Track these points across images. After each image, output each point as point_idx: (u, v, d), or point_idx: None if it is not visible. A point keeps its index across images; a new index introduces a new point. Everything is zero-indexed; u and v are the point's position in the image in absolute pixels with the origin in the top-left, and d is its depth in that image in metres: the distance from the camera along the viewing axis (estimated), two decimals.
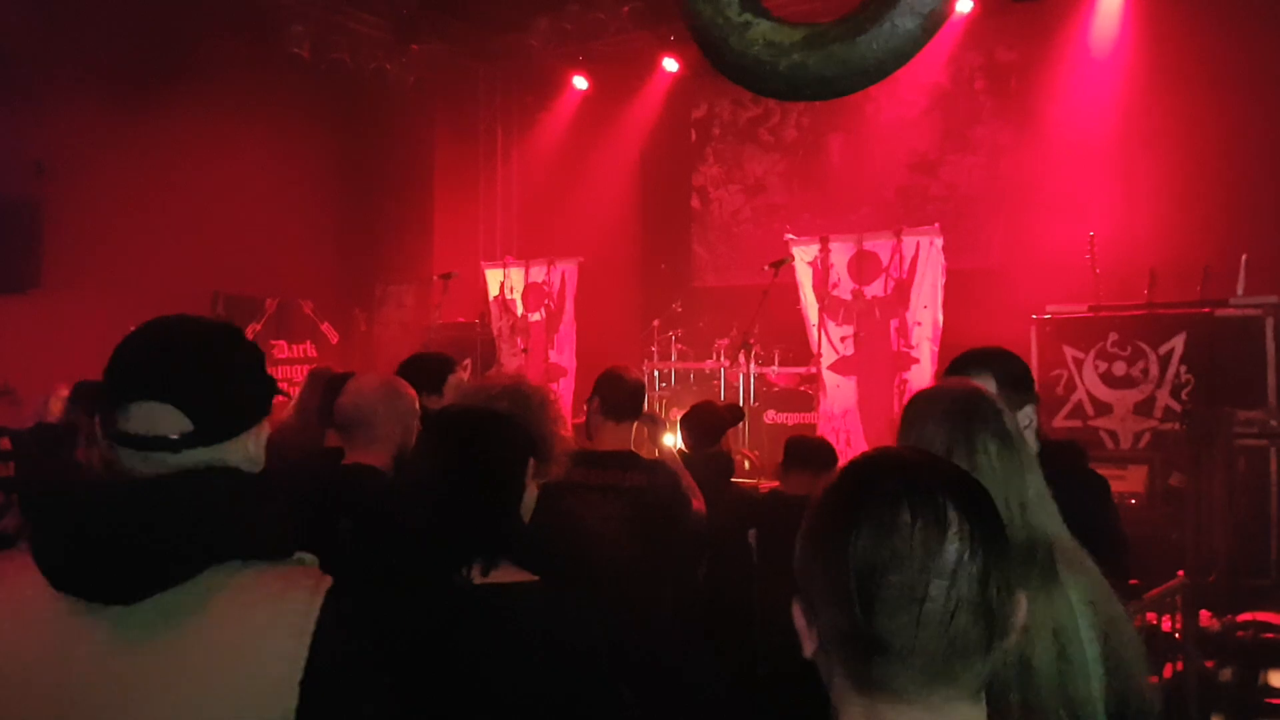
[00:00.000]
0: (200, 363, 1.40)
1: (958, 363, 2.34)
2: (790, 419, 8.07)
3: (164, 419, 1.35)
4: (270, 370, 4.96)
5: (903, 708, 1.03)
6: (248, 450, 1.45)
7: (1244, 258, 6.33)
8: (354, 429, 2.81)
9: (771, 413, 8.19)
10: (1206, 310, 6.10)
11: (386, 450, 2.80)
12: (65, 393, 4.56)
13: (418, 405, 2.88)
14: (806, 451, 4.09)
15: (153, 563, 1.30)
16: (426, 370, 3.62)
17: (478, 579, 1.87)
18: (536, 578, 1.91)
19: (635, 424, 3.57)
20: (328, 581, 1.38)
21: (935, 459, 1.11)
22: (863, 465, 1.11)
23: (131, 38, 8.18)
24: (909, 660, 1.01)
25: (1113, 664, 1.57)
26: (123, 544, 1.30)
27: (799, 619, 1.10)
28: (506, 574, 1.89)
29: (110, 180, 8.24)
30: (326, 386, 3.86)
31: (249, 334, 9.51)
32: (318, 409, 3.89)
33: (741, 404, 7.88)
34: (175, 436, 1.35)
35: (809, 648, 1.09)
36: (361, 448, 2.79)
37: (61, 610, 1.31)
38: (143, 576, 1.30)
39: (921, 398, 1.82)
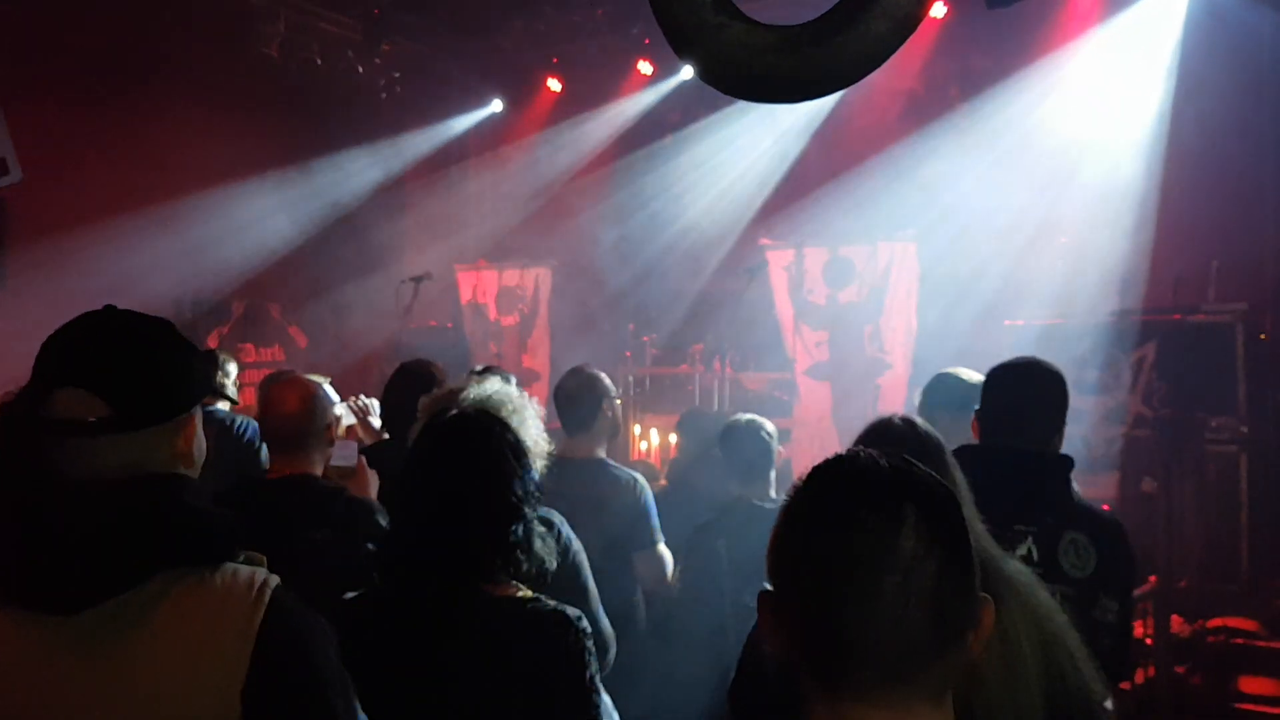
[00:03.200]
0: (121, 350, 1.39)
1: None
2: None
3: (82, 403, 1.33)
4: (239, 375, 4.88)
5: (863, 706, 1.04)
6: (176, 447, 1.42)
7: (1214, 265, 6.39)
8: (293, 439, 2.81)
9: None
10: (1178, 317, 6.14)
11: (321, 455, 2.84)
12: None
13: (328, 404, 2.91)
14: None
15: (93, 572, 1.28)
16: (425, 375, 3.60)
17: (490, 593, 1.85)
18: (529, 593, 1.90)
19: (595, 426, 3.56)
20: (272, 586, 1.36)
21: (905, 461, 1.11)
22: (831, 463, 1.13)
23: (98, 36, 8.05)
24: (863, 657, 1.03)
25: (1056, 677, 1.58)
26: (63, 554, 1.28)
27: (765, 615, 1.11)
28: (501, 588, 1.88)
29: (76, 181, 8.11)
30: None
31: (215, 337, 9.41)
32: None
33: (717, 409, 7.86)
34: (92, 420, 1.32)
35: (775, 644, 1.09)
36: (297, 457, 2.80)
37: (2, 620, 1.30)
38: (84, 586, 1.28)
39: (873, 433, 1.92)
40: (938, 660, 1.04)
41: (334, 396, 3.36)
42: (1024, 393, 2.47)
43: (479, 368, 3.10)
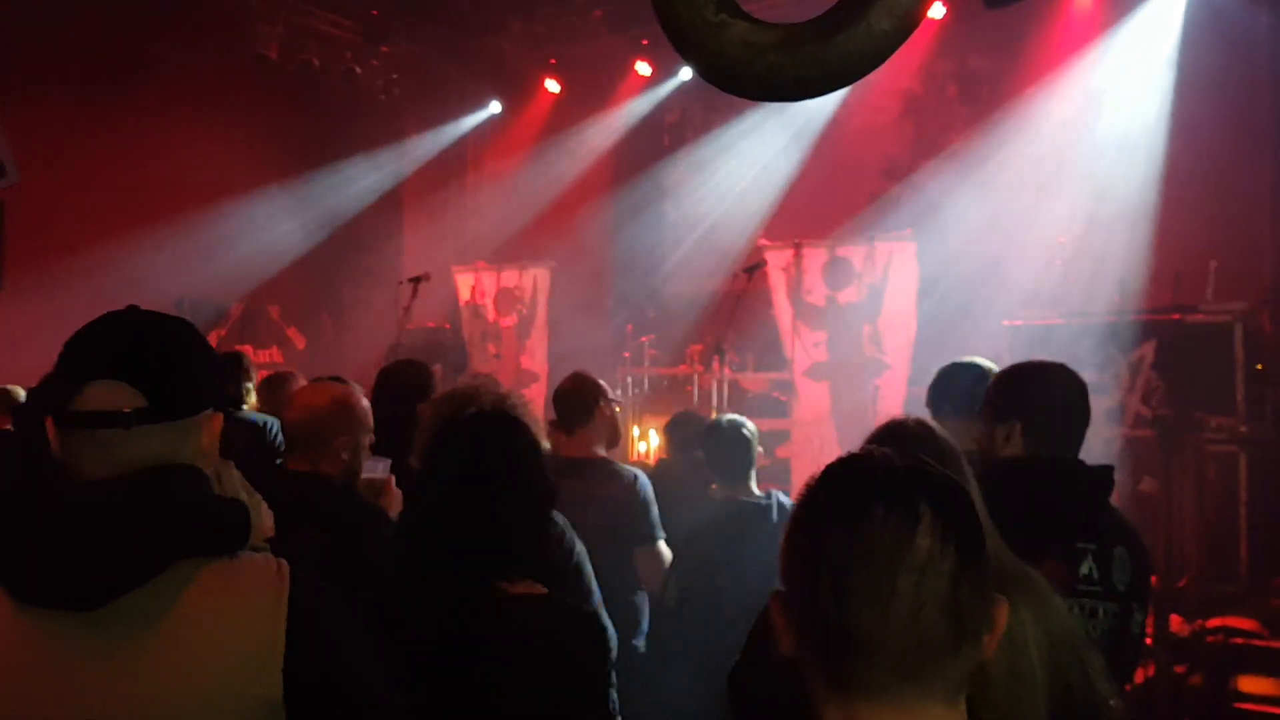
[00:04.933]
0: (156, 342, 1.41)
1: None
2: (764, 425, 8.02)
3: (118, 395, 1.34)
4: (243, 380, 4.83)
5: (876, 706, 1.03)
6: (200, 443, 1.43)
7: (1213, 265, 6.39)
8: (300, 442, 2.78)
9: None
10: (1176, 317, 6.14)
11: (334, 464, 2.78)
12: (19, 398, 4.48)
13: (370, 418, 2.86)
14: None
15: (113, 565, 1.27)
16: (414, 378, 3.58)
17: (507, 591, 1.85)
18: (547, 591, 1.89)
19: (592, 424, 3.59)
20: (288, 566, 1.39)
21: (919, 460, 1.11)
22: (845, 462, 1.12)
23: (97, 37, 8.05)
24: (878, 656, 1.02)
25: (1059, 684, 1.56)
26: (81, 548, 1.27)
27: (777, 616, 1.10)
28: (521, 586, 1.87)
29: (75, 181, 8.10)
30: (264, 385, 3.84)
31: (214, 339, 9.39)
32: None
33: (715, 410, 7.85)
34: (128, 411, 1.33)
35: (786, 645, 1.08)
36: (312, 459, 2.76)
37: (23, 621, 1.28)
38: (104, 580, 1.27)
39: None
40: (952, 661, 1.04)
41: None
42: (1067, 400, 2.34)
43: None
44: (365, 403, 2.88)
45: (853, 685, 1.04)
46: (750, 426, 3.75)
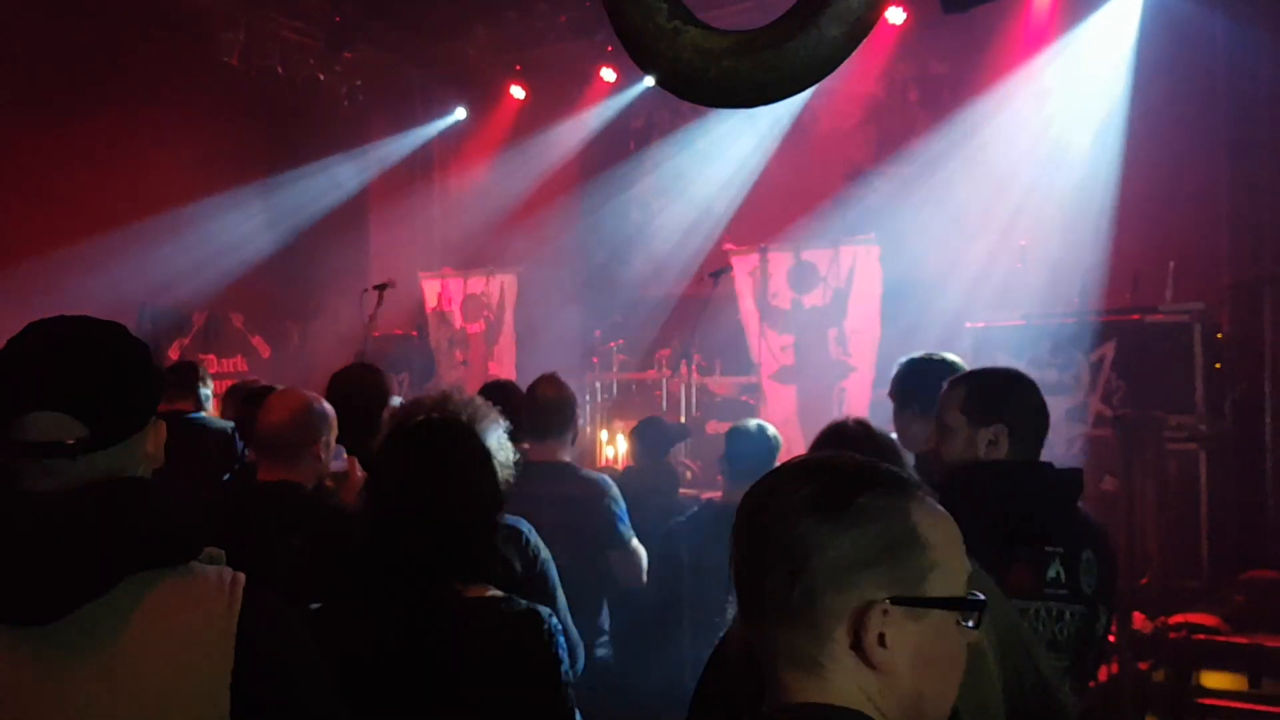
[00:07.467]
0: (92, 368, 1.38)
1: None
2: None
3: (60, 426, 1.33)
4: (200, 386, 4.77)
5: (770, 661, 1.15)
6: (145, 451, 1.44)
7: (1171, 265, 6.47)
8: (279, 449, 2.78)
9: (714, 423, 8.17)
10: (1136, 317, 6.21)
11: (310, 469, 2.80)
12: None
13: (334, 417, 2.87)
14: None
15: (65, 580, 1.27)
16: (370, 386, 3.55)
17: (460, 593, 1.85)
18: (501, 593, 1.90)
19: (566, 429, 3.59)
20: (242, 579, 1.38)
21: (828, 455, 1.21)
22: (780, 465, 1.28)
23: (55, 42, 7.95)
24: (745, 616, 1.17)
25: (1011, 674, 1.58)
26: (34, 563, 1.27)
27: None
28: (473, 589, 1.88)
29: (32, 189, 7.99)
30: (245, 400, 3.81)
31: (176, 348, 9.27)
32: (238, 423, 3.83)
33: (684, 414, 7.87)
34: (72, 442, 1.33)
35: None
36: (285, 467, 2.77)
37: None
38: (57, 594, 1.27)
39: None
40: (804, 634, 1.10)
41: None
42: (1039, 404, 2.38)
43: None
44: (327, 404, 2.89)
45: (755, 641, 1.15)
46: (771, 430, 3.73)
